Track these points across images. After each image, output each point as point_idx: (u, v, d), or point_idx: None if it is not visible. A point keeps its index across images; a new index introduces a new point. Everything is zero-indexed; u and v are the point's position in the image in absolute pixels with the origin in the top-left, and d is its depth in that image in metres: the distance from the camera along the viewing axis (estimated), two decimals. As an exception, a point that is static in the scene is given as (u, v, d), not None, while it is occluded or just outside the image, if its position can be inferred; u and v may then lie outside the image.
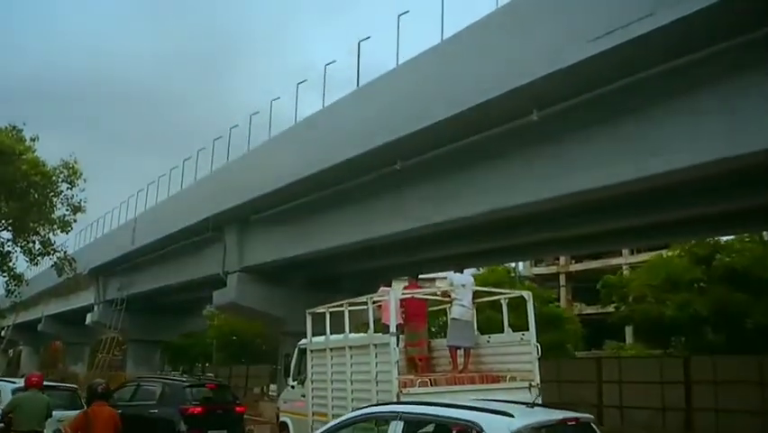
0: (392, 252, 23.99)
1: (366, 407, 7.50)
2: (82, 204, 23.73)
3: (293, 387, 14.21)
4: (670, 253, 31.00)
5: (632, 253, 47.29)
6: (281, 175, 21.52)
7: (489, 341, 11.15)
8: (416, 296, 11.54)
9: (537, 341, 10.20)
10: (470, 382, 9.91)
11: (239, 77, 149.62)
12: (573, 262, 53.25)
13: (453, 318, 11.00)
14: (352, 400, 10.14)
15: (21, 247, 24.16)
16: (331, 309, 11.77)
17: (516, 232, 20.17)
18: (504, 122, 14.69)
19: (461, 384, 9.74)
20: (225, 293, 26.64)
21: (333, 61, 20.07)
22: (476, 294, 11.59)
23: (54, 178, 22.71)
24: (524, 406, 5.78)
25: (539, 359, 10.03)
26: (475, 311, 11.37)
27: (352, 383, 10.41)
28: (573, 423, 5.96)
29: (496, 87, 13.83)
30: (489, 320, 15.11)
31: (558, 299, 46.36)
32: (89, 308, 42.77)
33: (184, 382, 15.44)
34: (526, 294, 10.87)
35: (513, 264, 38.77)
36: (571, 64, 12.32)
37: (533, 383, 9.64)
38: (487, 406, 6.01)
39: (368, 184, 19.32)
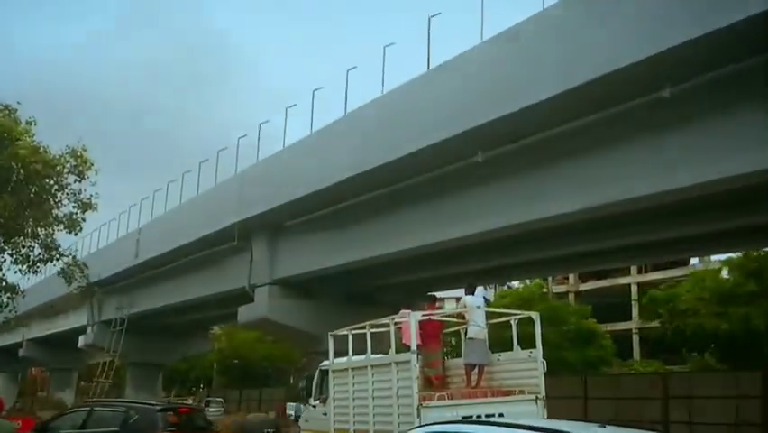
0: (436, 263, 22.11)
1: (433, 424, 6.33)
2: (93, 200, 20.15)
3: (314, 407, 14.85)
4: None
5: (639, 272, 46.66)
6: (326, 174, 19.27)
7: (499, 358, 11.78)
8: (432, 318, 12.06)
9: (544, 357, 10.87)
10: (482, 395, 10.64)
11: (228, 98, 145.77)
12: (581, 281, 51.93)
13: (470, 338, 11.54)
14: (374, 415, 10.89)
15: (11, 254, 20.66)
16: (353, 331, 12.21)
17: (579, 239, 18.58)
18: (624, 100, 12.62)
19: (474, 398, 10.49)
20: (254, 308, 23.96)
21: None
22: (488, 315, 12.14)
23: (59, 168, 19.29)
24: (594, 426, 4.62)
25: (545, 374, 10.74)
26: (487, 331, 11.80)
27: (373, 400, 10.99)
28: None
29: (625, 56, 11.79)
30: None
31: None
32: (80, 330, 39.54)
33: (155, 405, 13.13)
34: (534, 315, 11.55)
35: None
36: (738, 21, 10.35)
37: (539, 396, 10.50)
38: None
39: (437, 180, 17.16)
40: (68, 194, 19.62)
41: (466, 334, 11.71)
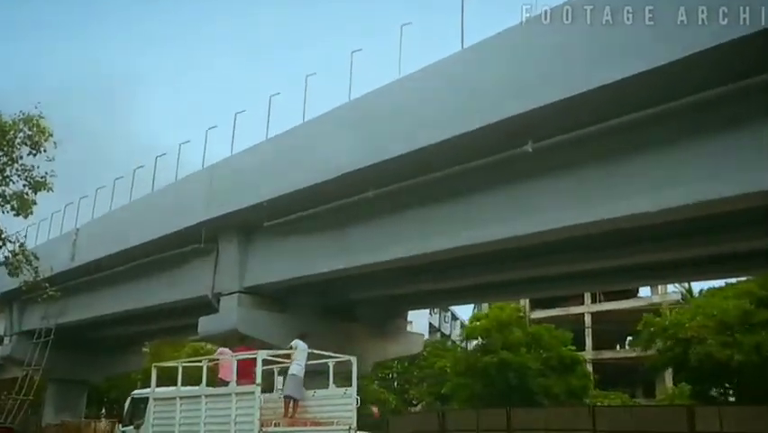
0: (423, 276, 20.29)
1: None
2: (48, 178, 16.39)
3: (124, 432, 15.99)
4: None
5: (593, 301, 45.65)
6: (319, 170, 16.99)
7: (314, 395, 13.30)
8: (247, 355, 12.99)
9: (357, 397, 12.69)
10: (302, 424, 12.63)
11: (144, 116, 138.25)
12: (532, 309, 50.86)
13: (292, 374, 12.94)
14: None
15: None
16: (183, 364, 13.99)
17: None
18: (720, 83, 10.95)
19: (298, 426, 12.52)
20: (220, 320, 20.76)
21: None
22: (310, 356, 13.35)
23: (10, 137, 15.77)
24: None
25: (358, 409, 12.60)
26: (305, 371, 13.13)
27: (205, 426, 12.15)
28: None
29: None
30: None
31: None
32: (-5, 341, 35.25)
33: None
34: (352, 358, 13.12)
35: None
36: None
37: (351, 427, 12.28)
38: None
39: (452, 178, 15.13)
40: (18, 170, 16.18)
41: (288, 371, 12.99)
